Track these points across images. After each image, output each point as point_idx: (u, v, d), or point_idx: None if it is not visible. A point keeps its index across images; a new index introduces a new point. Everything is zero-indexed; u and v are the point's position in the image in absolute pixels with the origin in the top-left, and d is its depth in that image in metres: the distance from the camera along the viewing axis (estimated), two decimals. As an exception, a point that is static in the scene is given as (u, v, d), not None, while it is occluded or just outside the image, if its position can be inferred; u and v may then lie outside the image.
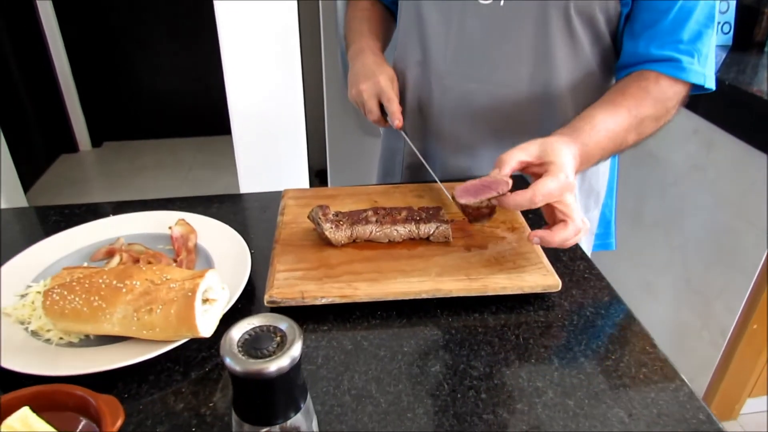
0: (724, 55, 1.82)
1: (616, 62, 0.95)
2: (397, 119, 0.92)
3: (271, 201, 0.96)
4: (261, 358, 0.43)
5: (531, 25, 0.90)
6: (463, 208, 0.76)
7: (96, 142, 3.83)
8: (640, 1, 0.86)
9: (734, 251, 1.60)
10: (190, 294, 0.61)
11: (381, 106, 0.95)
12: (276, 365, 0.42)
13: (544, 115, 0.98)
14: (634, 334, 0.69)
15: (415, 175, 1.13)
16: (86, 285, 0.63)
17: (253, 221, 0.93)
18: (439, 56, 0.98)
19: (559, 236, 0.71)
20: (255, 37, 1.62)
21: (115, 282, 0.63)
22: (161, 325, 0.61)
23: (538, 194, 0.68)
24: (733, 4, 1.82)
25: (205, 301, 0.65)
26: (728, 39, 1.87)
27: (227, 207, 0.96)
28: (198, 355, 0.65)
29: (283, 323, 0.45)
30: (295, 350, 0.43)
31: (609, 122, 0.80)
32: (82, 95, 3.65)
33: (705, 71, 0.85)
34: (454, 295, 0.71)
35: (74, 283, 0.63)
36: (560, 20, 0.88)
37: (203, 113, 3.76)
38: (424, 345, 0.67)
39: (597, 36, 0.91)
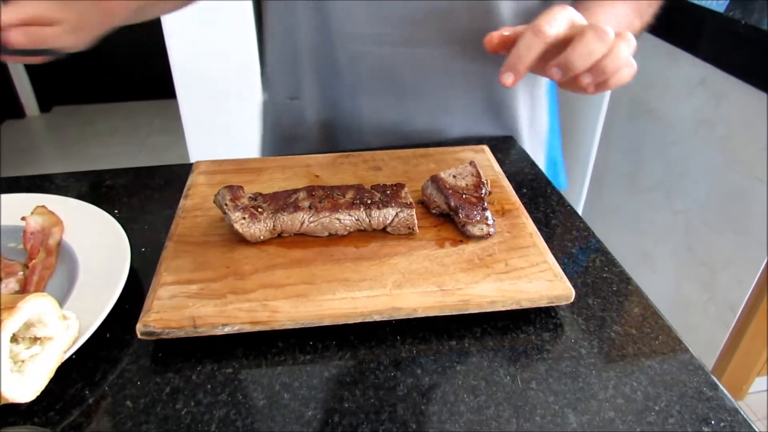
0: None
1: None
2: None
3: (185, 177, 0.72)
4: None
5: None
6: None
7: (44, 106, 3.51)
8: None
9: (745, 216, 1.43)
10: (-13, 340, 0.38)
11: None
12: None
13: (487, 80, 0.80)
14: (683, 366, 0.48)
15: (329, 139, 0.88)
16: None
17: (157, 205, 0.69)
18: (341, 12, 0.74)
19: (577, 50, 0.50)
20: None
21: None
22: (-56, 390, 0.38)
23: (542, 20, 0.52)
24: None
25: (34, 340, 0.42)
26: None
27: (122, 185, 0.72)
28: (25, 422, 0.43)
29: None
30: None
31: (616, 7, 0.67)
32: (26, 55, 3.32)
33: None
34: (421, 315, 0.49)
35: None
36: None
37: (161, 74, 3.44)
38: (375, 397, 0.44)
39: None
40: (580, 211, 1.83)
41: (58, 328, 0.43)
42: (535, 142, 0.93)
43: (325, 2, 0.74)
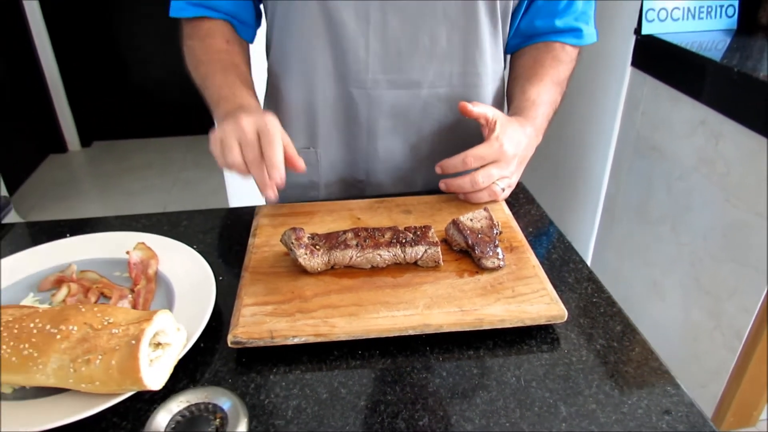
0: (728, 40, 1.73)
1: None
2: (299, 163, 0.76)
3: (249, 218, 0.87)
4: (194, 450, 0.34)
5: (461, 19, 0.86)
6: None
7: (85, 141, 3.74)
8: None
9: (746, 247, 1.52)
10: (134, 342, 0.52)
11: None
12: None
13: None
14: (653, 371, 0.60)
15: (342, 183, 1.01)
16: (15, 330, 0.54)
17: (227, 241, 0.84)
18: (359, 63, 0.88)
19: (456, 181, 0.82)
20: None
21: (48, 327, 0.54)
22: (101, 378, 0.52)
23: (469, 155, 0.79)
24: (736, -15, 1.73)
25: (157, 345, 0.57)
26: (732, 23, 1.78)
27: (197, 225, 0.87)
28: (149, 408, 0.57)
29: (225, 399, 0.37)
30: (239, 437, 0.35)
31: (543, 94, 0.90)
32: (71, 93, 3.56)
33: (594, 31, 0.97)
34: (445, 330, 0.62)
35: (1, 328, 0.55)
36: (486, 10, 0.87)
37: (194, 111, 3.65)
38: (411, 392, 0.58)
39: (506, 23, 0.93)
40: (593, 241, 1.94)
41: (174, 336, 0.57)
42: None
43: (343, 50, 0.86)
